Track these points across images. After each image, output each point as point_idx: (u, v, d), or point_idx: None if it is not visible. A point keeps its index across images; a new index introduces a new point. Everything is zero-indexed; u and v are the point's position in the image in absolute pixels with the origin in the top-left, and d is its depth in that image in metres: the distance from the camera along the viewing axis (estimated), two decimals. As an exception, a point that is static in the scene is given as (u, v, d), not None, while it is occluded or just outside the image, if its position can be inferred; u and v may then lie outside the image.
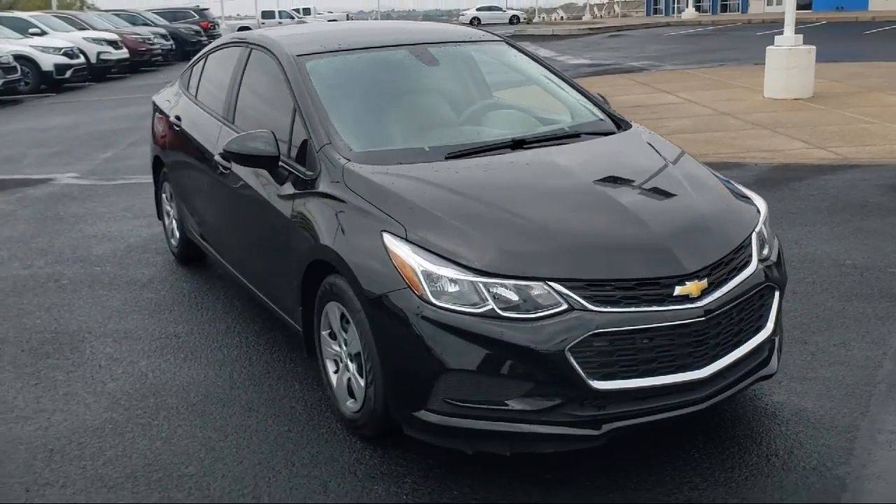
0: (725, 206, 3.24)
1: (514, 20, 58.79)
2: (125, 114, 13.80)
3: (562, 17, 65.76)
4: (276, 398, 3.62)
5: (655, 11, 56.49)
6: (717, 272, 2.90)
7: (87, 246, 6.06)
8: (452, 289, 2.78)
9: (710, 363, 2.84)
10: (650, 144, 3.72)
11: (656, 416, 2.79)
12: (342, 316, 3.23)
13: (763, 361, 3.10)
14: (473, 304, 2.75)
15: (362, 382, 3.12)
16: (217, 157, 4.22)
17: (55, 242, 6.19)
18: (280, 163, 3.60)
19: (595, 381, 2.69)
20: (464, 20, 60.49)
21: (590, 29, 35.55)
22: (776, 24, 29.78)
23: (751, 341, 3.00)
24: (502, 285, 2.74)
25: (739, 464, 2.98)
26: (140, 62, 23.69)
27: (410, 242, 2.89)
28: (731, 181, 3.59)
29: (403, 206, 3.04)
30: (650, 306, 2.74)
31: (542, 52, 23.07)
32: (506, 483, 2.92)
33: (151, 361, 4.04)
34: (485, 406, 2.78)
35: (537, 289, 2.73)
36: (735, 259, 3.00)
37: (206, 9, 35.78)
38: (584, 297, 2.71)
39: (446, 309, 2.76)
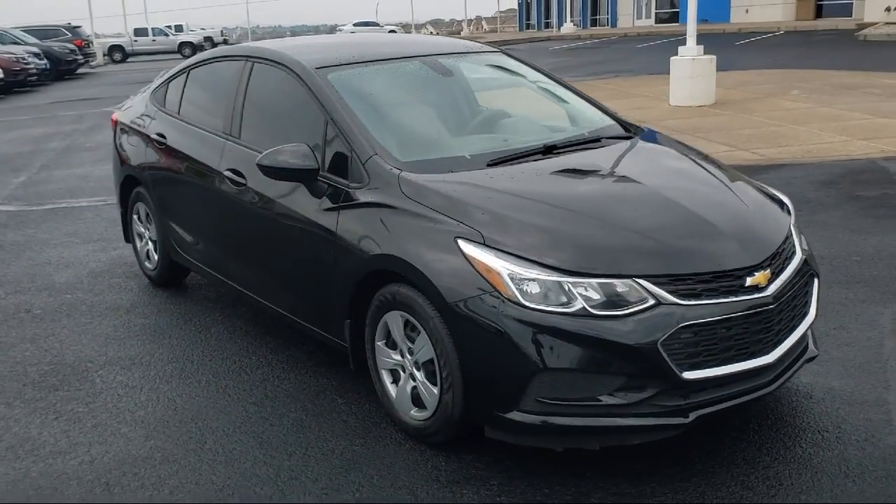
0: (764, 201, 3.46)
1: (391, 35, 59.04)
2: (21, 136, 13.06)
3: (431, 33, 66.71)
4: (324, 413, 3.57)
5: (528, 26, 58.17)
6: (776, 262, 3.10)
7: (45, 274, 5.73)
8: (540, 290, 2.85)
9: (774, 348, 3.03)
10: (675, 147, 3.92)
11: (734, 401, 2.95)
12: (406, 324, 3.24)
13: (805, 346, 3.32)
14: (563, 304, 2.83)
15: (435, 390, 3.14)
16: (227, 173, 4.13)
17: (6, 272, 5.82)
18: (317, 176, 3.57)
19: (684, 372, 2.82)
20: (341, 36, 60.40)
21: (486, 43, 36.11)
22: (650, 37, 31.39)
23: (801, 326, 3.21)
24: (589, 284, 2.84)
25: (798, 442, 3.18)
26: (14, 83, 22.42)
27: (491, 247, 2.94)
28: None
29: (475, 213, 3.09)
30: (727, 297, 2.90)
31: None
32: (594, 477, 3.00)
33: (174, 387, 3.89)
34: (578, 403, 2.86)
35: (624, 286, 2.84)
36: (784, 249, 3.21)
37: (79, 27, 34.22)
38: (670, 292, 2.84)
39: (538, 310, 2.83)
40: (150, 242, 5.28)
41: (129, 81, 24.80)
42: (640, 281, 2.83)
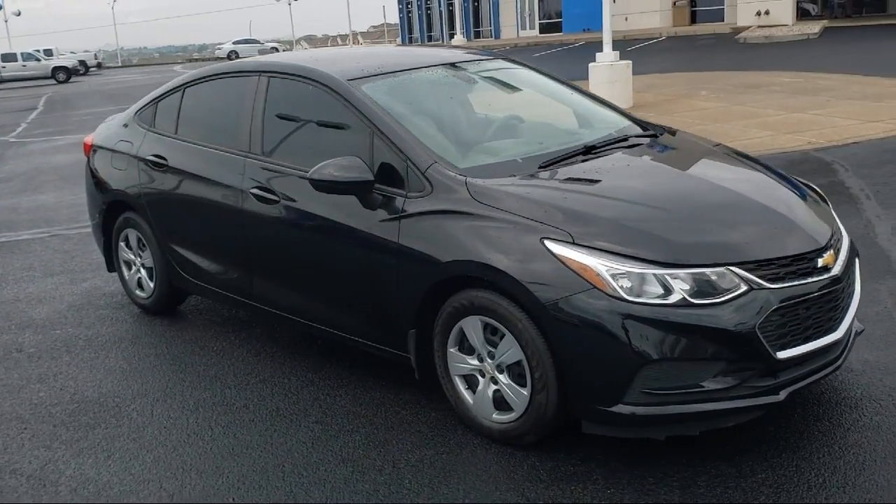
0: (807, 190, 3.67)
1: (272, 52, 58.26)
2: (-84, 171, 12.16)
3: (306, 48, 66.15)
4: (393, 426, 3.53)
5: (411, 40, 58.62)
6: (835, 244, 3.30)
7: (19, 311, 5.39)
8: (638, 284, 2.93)
9: (840, 325, 3.22)
10: (703, 143, 4.09)
11: (815, 376, 3.12)
12: (486, 328, 3.25)
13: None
14: (661, 296, 2.91)
15: (525, 391, 3.16)
16: (254, 191, 4.02)
17: (-26, 312, 5.44)
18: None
19: (778, 352, 2.96)
20: (220, 54, 59.10)
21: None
22: (541, 47, 32.27)
23: (853, 303, 3.42)
24: (684, 275, 2.94)
25: (861, 411, 3.38)
26: None
27: (582, 245, 3.00)
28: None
29: (556, 213, 3.14)
30: (805, 279, 3.07)
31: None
32: (692, 461, 3.10)
33: (221, 414, 3.75)
34: (682, 391, 2.95)
35: (716, 274, 2.95)
36: (837, 231, 3.42)
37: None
38: (760, 277, 2.97)
39: (639, 303, 2.90)
40: (142, 270, 5.06)
41: (10, 109, 23.57)
42: (733, 268, 2.96)
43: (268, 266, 4.15)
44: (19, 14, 57.44)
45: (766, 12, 28.54)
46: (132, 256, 5.11)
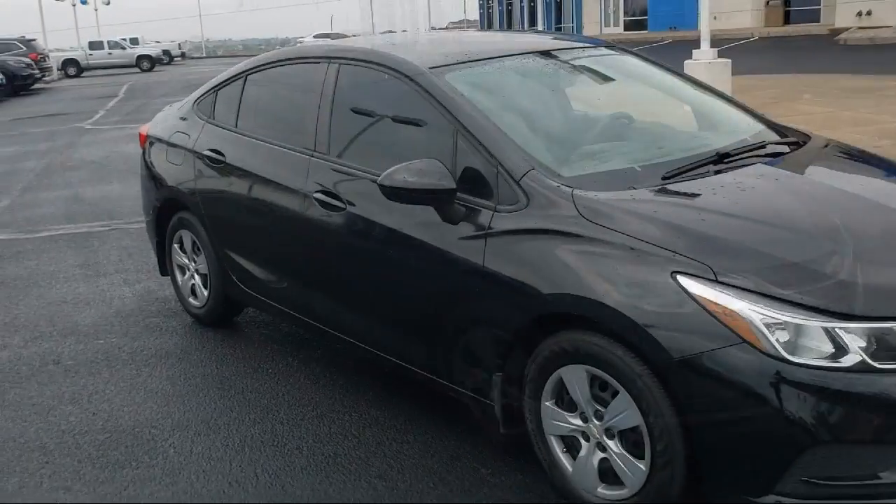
0: None
1: (352, 47, 58.35)
2: (-9, 156, 12.09)
3: None
4: (471, 488, 2.92)
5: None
6: None
7: (64, 315, 4.96)
8: (800, 339, 2.24)
9: None
10: (867, 155, 3.36)
11: None
12: (593, 381, 2.61)
13: None
14: (832, 356, 2.22)
15: (642, 465, 2.50)
16: (317, 196, 3.45)
17: (18, 313, 5.03)
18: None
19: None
20: (300, 48, 59.51)
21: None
22: (628, 45, 31.14)
23: None
24: (861, 328, 2.23)
25: None
26: (-30, 99, 21.27)
27: (727, 284, 2.33)
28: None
29: (692, 240, 2.47)
30: None
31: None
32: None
33: (270, 456, 3.19)
34: (853, 482, 2.25)
35: None
36: None
37: (34, 40, 32.79)
38: None
39: (803, 365, 2.22)
40: (196, 276, 4.56)
41: (92, 96, 23.77)
42: None
43: (331, 282, 3.58)
44: (109, 3, 58.72)
45: (868, 13, 26.91)
46: (186, 261, 4.62)
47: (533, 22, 52.00)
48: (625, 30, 39.32)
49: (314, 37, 59.61)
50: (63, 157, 11.60)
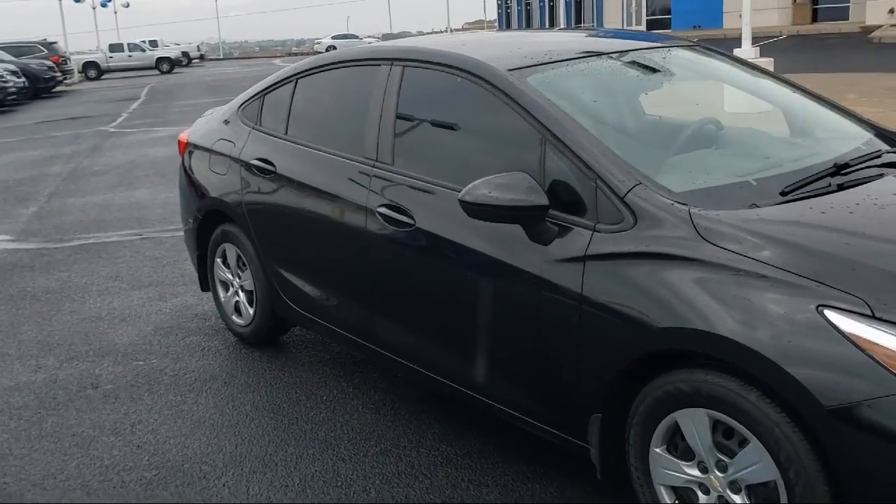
0: None
1: (370, 47, 58.13)
2: (16, 160, 11.88)
3: None
4: (566, 542, 2.60)
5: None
6: None
7: (99, 332, 4.68)
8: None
9: None
10: None
11: None
12: (715, 427, 2.28)
13: None
14: None
15: (781, 526, 2.18)
16: (382, 210, 3.15)
17: (51, 330, 4.76)
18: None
19: None
20: (319, 48, 59.40)
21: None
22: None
23: None
24: None
25: None
26: (-7, 103, 21.17)
27: (889, 322, 2.00)
28: None
29: (840, 268, 2.14)
30: None
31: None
32: None
33: (335, 499, 2.89)
34: None
35: None
36: None
37: (55, 42, 32.77)
38: None
39: None
40: (240, 293, 4.27)
41: (114, 98, 23.66)
42: None
43: (396, 304, 3.27)
44: (128, 6, 58.91)
45: (900, 10, 26.36)
46: (229, 276, 4.33)
47: (553, 22, 51.60)
48: (647, 29, 38.84)
49: (332, 38, 59.51)
50: (89, 161, 11.38)
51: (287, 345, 4.33)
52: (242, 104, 4.26)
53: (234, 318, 4.37)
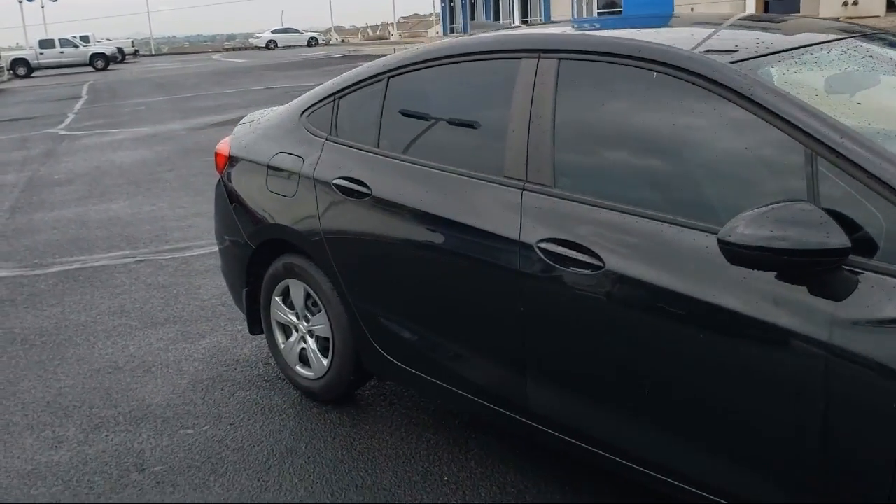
0: None
1: (312, 42, 56.97)
2: (-39, 168, 10.72)
3: (334, 40, 64.29)
4: None
5: (453, 30, 56.99)
6: None
7: (122, 388, 3.84)
8: None
9: None
10: None
11: None
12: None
13: None
14: None
15: None
16: (545, 246, 2.43)
17: (60, 387, 3.89)
18: None
19: None
20: (258, 44, 57.79)
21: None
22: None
23: None
24: None
25: None
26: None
27: None
28: None
29: None
30: None
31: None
32: None
33: None
34: None
35: None
36: None
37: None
38: None
39: None
40: (308, 339, 3.49)
41: (53, 98, 22.25)
42: None
43: (569, 368, 2.54)
44: (56, 0, 56.31)
45: (855, 2, 26.47)
46: (293, 318, 3.55)
47: (497, 15, 51.03)
48: (599, 21, 38.63)
49: (272, 32, 57.91)
50: (46, 168, 10.30)
51: (366, 400, 3.57)
52: (307, 109, 3.48)
53: (298, 369, 3.59)
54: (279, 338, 3.66)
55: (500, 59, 2.79)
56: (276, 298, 3.59)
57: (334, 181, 3.15)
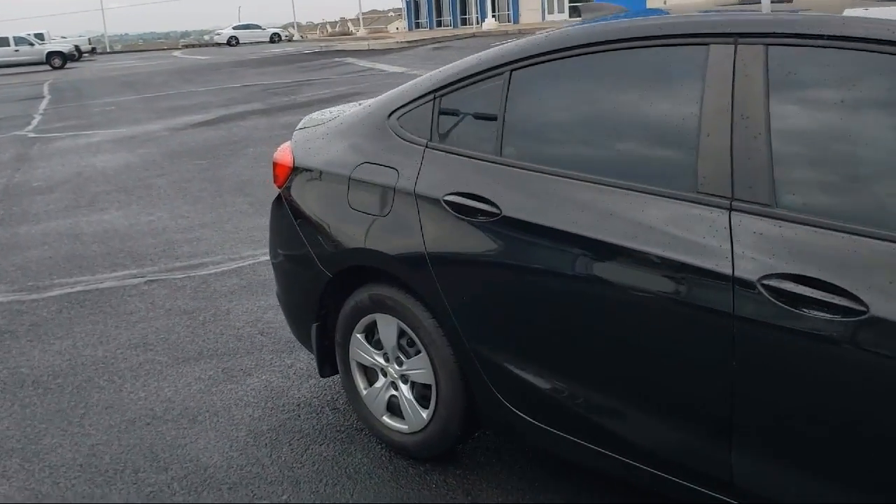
0: None
1: (275, 38, 55.82)
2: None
3: (293, 36, 63.07)
4: None
5: (418, 25, 56.34)
6: None
7: (168, 443, 3.22)
8: None
9: None
10: None
11: None
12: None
13: None
14: None
15: None
16: (772, 282, 1.90)
17: (93, 444, 3.26)
18: None
19: None
20: (219, 39, 56.46)
21: (407, 42, 33.71)
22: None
23: None
24: None
25: None
26: None
27: None
28: None
29: None
30: None
31: (389, 67, 20.99)
32: None
33: None
34: None
35: None
36: None
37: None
38: None
39: None
40: (401, 385, 2.92)
41: (13, 98, 21.22)
42: None
43: (801, 440, 2.00)
44: (6, -3, 54.42)
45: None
46: (380, 360, 2.97)
47: (464, 10, 50.45)
48: (571, 16, 38.28)
49: (233, 28, 56.60)
50: (21, 174, 9.52)
51: (468, 455, 3.00)
52: (396, 110, 2.90)
53: (386, 420, 3.02)
54: (360, 383, 3.08)
55: (675, 46, 2.25)
56: (358, 336, 3.01)
57: (445, 198, 2.58)
